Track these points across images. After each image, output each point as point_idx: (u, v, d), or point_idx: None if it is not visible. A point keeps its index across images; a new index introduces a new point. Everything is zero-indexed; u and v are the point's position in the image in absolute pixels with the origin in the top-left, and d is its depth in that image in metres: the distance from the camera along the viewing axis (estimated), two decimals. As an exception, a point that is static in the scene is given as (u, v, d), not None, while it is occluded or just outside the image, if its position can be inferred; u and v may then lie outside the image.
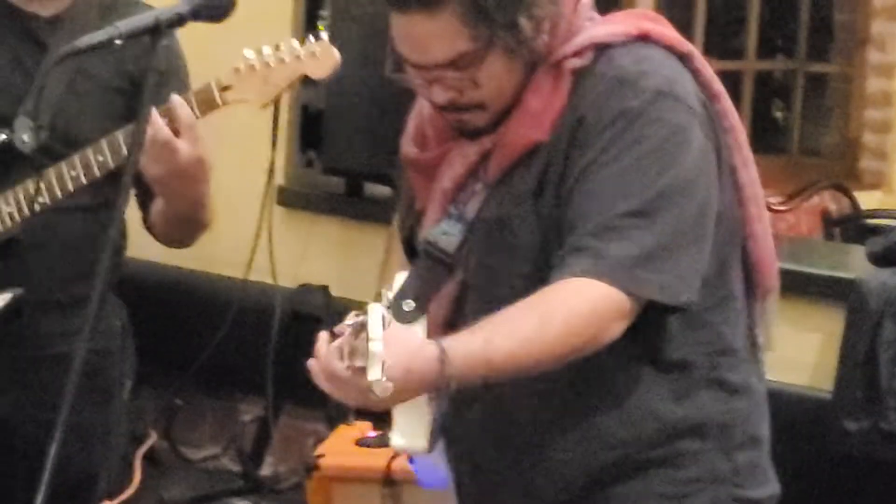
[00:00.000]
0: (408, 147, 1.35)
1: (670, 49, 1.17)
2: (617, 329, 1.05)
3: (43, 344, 1.86)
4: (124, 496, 2.48)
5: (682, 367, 1.19)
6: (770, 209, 3.08)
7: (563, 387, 1.16)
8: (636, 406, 1.18)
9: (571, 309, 1.02)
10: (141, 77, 1.53)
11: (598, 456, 1.20)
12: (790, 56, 4.40)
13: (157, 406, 3.17)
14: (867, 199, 3.57)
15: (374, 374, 0.89)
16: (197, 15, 1.34)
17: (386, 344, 0.88)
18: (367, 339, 0.89)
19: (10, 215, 1.78)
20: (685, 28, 4.09)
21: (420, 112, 1.35)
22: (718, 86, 1.21)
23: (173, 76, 1.78)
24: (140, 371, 2.12)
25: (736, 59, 4.22)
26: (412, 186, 1.38)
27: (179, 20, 1.33)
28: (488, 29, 1.08)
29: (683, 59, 1.19)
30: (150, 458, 2.90)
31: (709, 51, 4.04)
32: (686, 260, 1.07)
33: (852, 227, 3.28)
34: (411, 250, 1.39)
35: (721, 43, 4.26)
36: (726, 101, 1.22)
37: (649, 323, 1.12)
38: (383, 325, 0.92)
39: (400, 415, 1.23)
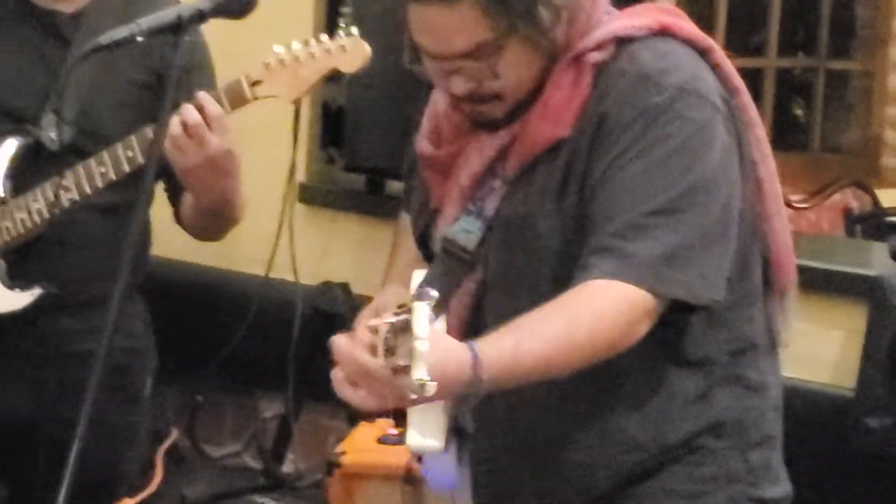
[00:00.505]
0: (423, 144, 1.35)
1: (691, 44, 1.16)
2: (643, 329, 1.04)
3: (65, 341, 1.87)
4: (146, 493, 2.52)
5: (703, 365, 1.18)
6: (792, 207, 3.11)
7: (583, 387, 1.15)
8: (657, 408, 1.17)
9: (598, 311, 1.01)
10: (165, 72, 1.56)
11: (617, 458, 1.19)
12: (811, 53, 4.39)
13: (178, 403, 3.19)
14: (889, 197, 3.57)
15: (420, 373, 0.88)
16: (219, 11, 1.35)
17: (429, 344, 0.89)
18: (414, 338, 0.87)
19: (39, 212, 1.79)
20: (706, 25, 4.12)
21: (435, 109, 1.34)
22: (738, 81, 1.21)
23: (198, 71, 1.79)
24: (161, 368, 2.14)
25: (757, 56, 4.22)
26: (427, 185, 1.37)
27: (201, 16, 1.33)
28: (507, 18, 1.07)
29: (704, 53, 1.18)
30: (171, 455, 2.97)
31: (730, 48, 4.03)
32: (711, 259, 1.06)
33: (874, 223, 3.28)
34: (425, 250, 1.39)
35: (742, 40, 4.27)
36: (746, 96, 1.21)
37: (672, 322, 1.12)
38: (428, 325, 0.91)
39: (416, 413, 1.23)
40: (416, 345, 0.85)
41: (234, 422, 3.40)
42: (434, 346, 0.89)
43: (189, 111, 1.53)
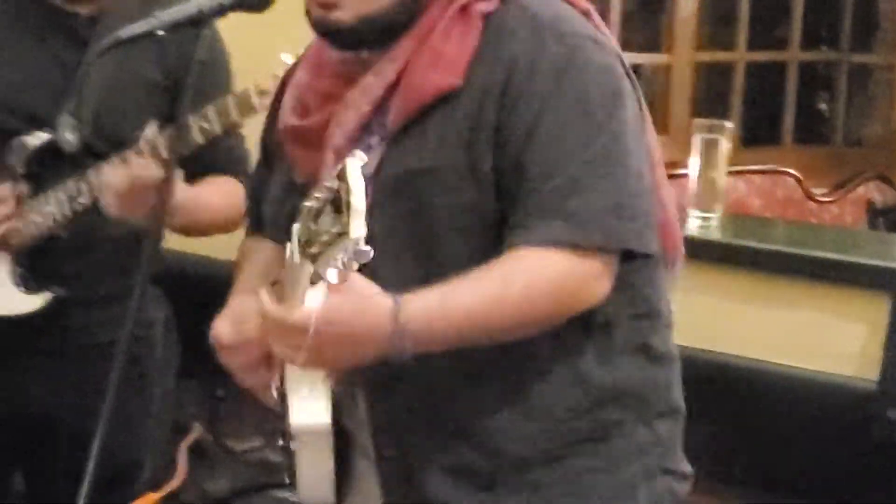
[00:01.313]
0: (288, 118, 1.29)
1: (571, 4, 1.15)
2: (599, 288, 1.03)
3: (82, 335, 1.90)
4: (169, 488, 2.53)
5: (606, 328, 1.16)
6: (815, 200, 3.15)
7: (490, 352, 1.12)
8: (563, 369, 1.15)
9: (537, 270, 1.00)
10: (182, 71, 1.53)
11: (527, 426, 1.17)
12: (833, 47, 4.45)
13: (200, 398, 3.22)
14: (912, 189, 3.56)
15: (358, 229, 0.83)
16: (239, 4, 1.32)
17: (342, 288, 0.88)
18: (350, 193, 0.83)
19: (53, 215, 1.81)
20: (729, 19, 4.27)
21: (297, 83, 1.31)
22: (617, 47, 1.20)
23: (213, 68, 1.78)
24: (184, 363, 2.15)
25: (780, 49, 4.29)
26: (293, 162, 1.30)
27: (221, 9, 1.30)
28: None
29: (584, 15, 1.16)
30: (194, 450, 2.99)
31: (753, 41, 4.16)
32: (650, 204, 1.07)
33: (897, 216, 3.36)
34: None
35: (765, 33, 4.36)
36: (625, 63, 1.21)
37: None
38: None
39: (295, 393, 1.22)
40: (353, 200, 0.82)
41: (256, 416, 3.35)
42: (348, 290, 0.88)
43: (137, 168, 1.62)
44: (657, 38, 4.32)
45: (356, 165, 0.85)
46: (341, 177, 0.84)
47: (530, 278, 1.00)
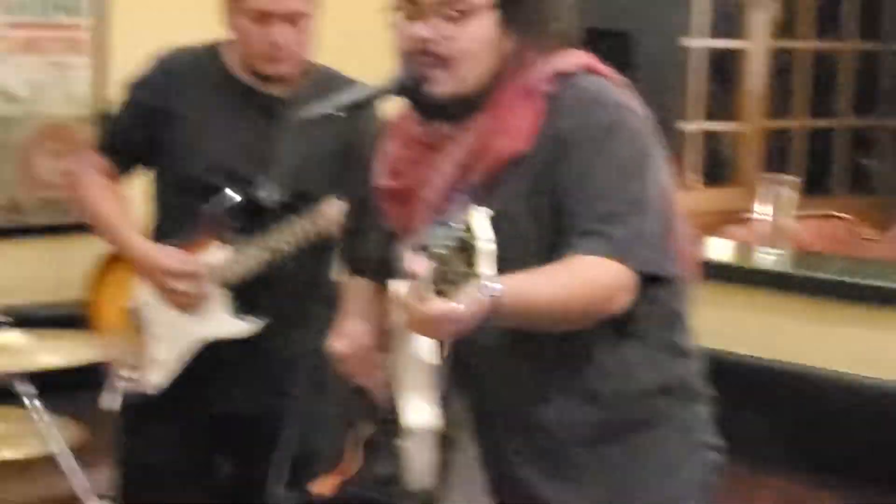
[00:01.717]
0: (382, 180, 1.38)
1: (611, 79, 1.26)
2: (624, 300, 1.10)
3: (276, 351, 2.09)
4: (346, 472, 2.68)
5: (643, 330, 1.26)
6: (864, 239, 3.63)
7: (553, 353, 1.24)
8: (612, 364, 1.25)
9: (591, 275, 1.08)
10: (357, 143, 1.75)
11: (584, 410, 1.26)
12: (878, 113, 5.10)
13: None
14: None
15: (487, 270, 0.88)
16: (399, 91, 1.38)
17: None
18: (478, 240, 0.87)
19: (258, 258, 2.07)
20: (785, 90, 4.78)
21: (389, 151, 1.40)
22: (644, 112, 1.30)
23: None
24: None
25: (832, 116, 4.92)
26: (386, 216, 1.42)
27: (385, 93, 1.39)
28: None
29: (621, 88, 1.29)
30: (366, 440, 3.16)
31: (810, 109, 4.77)
32: (669, 240, 1.17)
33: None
34: (386, 275, 1.37)
35: (819, 103, 4.95)
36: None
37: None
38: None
39: (407, 397, 1.36)
40: (481, 245, 0.86)
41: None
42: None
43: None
44: (731, 108, 4.80)
45: (482, 216, 0.90)
46: (468, 226, 0.88)
47: (587, 279, 1.10)
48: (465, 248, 0.85)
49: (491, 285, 0.88)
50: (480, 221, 0.85)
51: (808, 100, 4.92)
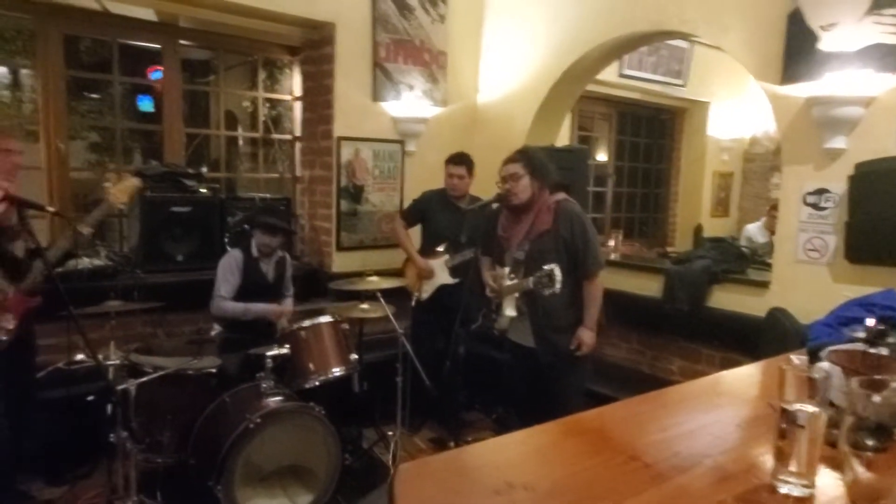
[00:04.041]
0: (500, 231, 3.61)
1: (573, 202, 3.48)
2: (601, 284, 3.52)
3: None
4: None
5: (576, 296, 3.46)
6: None
7: (562, 301, 3.37)
8: (573, 308, 3.48)
9: (596, 284, 3.50)
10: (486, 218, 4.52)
11: (566, 315, 3.47)
12: None
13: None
14: None
15: (557, 286, 3.18)
16: (501, 201, 3.57)
17: None
18: (553, 274, 3.16)
19: (460, 259, 4.51)
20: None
21: (501, 220, 3.61)
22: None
23: None
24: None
25: None
26: (500, 241, 3.61)
27: (492, 202, 3.64)
28: (531, 168, 3.42)
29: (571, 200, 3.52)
30: None
31: None
32: (601, 260, 3.54)
33: None
34: (496, 255, 3.72)
35: None
36: None
37: (580, 282, 3.47)
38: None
39: (505, 303, 3.54)
40: (556, 274, 3.21)
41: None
42: None
43: None
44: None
45: (554, 269, 3.22)
46: (549, 272, 3.20)
47: (598, 289, 3.52)
48: (550, 276, 3.18)
49: (555, 290, 3.19)
50: (556, 270, 3.17)
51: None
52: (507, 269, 3.49)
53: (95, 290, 3.60)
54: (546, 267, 3.18)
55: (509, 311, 3.47)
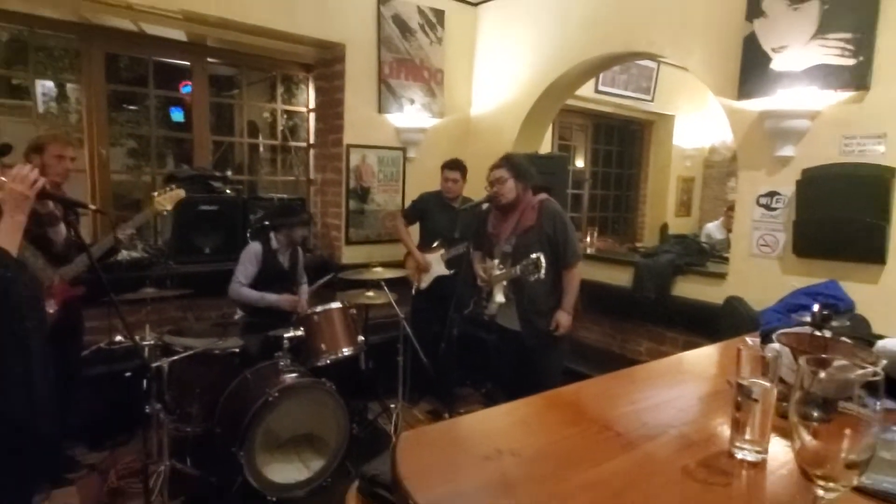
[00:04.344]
0: (490, 227, 3.59)
1: (554, 201, 3.46)
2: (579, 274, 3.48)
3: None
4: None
5: (557, 284, 3.41)
6: None
7: (544, 288, 3.33)
8: (554, 294, 3.44)
9: (576, 273, 3.47)
10: (477, 217, 4.83)
11: (542, 308, 3.45)
12: None
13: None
14: None
15: (543, 271, 3.08)
16: (491, 201, 4.16)
17: None
18: (540, 261, 3.06)
19: (452, 254, 4.48)
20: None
21: (492, 218, 3.60)
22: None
23: None
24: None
25: None
26: (489, 235, 3.59)
27: (479, 203, 3.66)
28: (514, 173, 3.42)
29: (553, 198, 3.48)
30: None
31: None
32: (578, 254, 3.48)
33: None
34: (486, 249, 3.67)
35: None
36: None
37: (560, 272, 3.43)
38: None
39: (495, 290, 3.46)
40: (542, 261, 3.10)
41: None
42: None
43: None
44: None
45: (540, 257, 3.13)
46: (536, 259, 3.13)
47: (576, 278, 3.47)
48: (536, 264, 3.10)
49: (540, 277, 3.09)
50: (540, 258, 3.08)
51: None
52: (496, 261, 3.47)
53: (133, 279, 3.61)
54: (532, 256, 3.18)
55: (499, 297, 3.45)
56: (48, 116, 6.02)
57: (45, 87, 6.12)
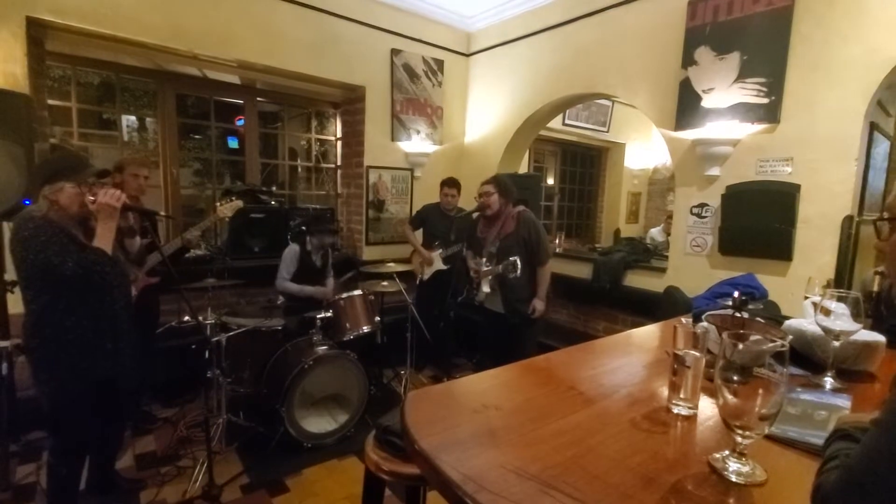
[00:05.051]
0: (479, 231, 3.42)
1: (530, 212, 3.31)
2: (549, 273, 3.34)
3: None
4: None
5: (532, 277, 3.30)
6: None
7: (522, 283, 3.25)
8: (530, 284, 3.31)
9: (547, 270, 3.35)
10: (468, 223, 4.77)
11: (520, 296, 3.30)
12: None
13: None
14: None
15: (518, 269, 3.07)
16: (479, 209, 3.84)
17: None
18: (517, 263, 3.07)
19: (450, 252, 4.33)
20: None
21: (480, 224, 3.42)
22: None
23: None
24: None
25: None
26: (478, 238, 3.39)
27: (477, 211, 3.52)
28: (499, 190, 3.29)
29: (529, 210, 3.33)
30: None
31: None
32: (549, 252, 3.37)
33: None
34: (476, 249, 3.43)
35: None
36: None
37: (535, 268, 3.32)
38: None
39: (482, 282, 3.35)
40: (518, 263, 3.06)
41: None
42: None
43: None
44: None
45: (517, 260, 3.10)
46: (514, 262, 3.11)
47: (547, 273, 3.34)
48: (514, 265, 3.10)
49: (517, 273, 3.08)
50: (517, 260, 3.08)
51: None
52: (484, 260, 3.42)
53: (198, 272, 3.58)
54: (511, 258, 3.15)
55: (486, 288, 3.41)
56: (131, 144, 6.00)
57: (128, 120, 6.11)
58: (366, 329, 3.67)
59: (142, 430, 3.36)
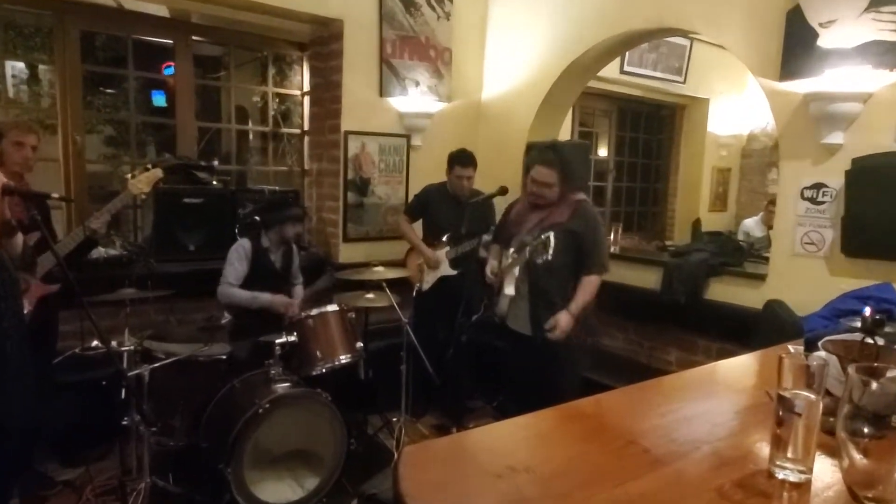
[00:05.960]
0: (513, 217, 3.62)
1: (589, 202, 3.50)
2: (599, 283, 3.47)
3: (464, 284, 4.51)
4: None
5: (574, 287, 3.45)
6: None
7: (554, 283, 3.41)
8: (568, 293, 3.44)
9: (594, 281, 3.46)
10: (489, 209, 4.69)
11: (553, 299, 3.43)
12: None
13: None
14: None
15: (551, 252, 3.22)
16: (493, 196, 4.23)
17: None
18: (549, 241, 3.21)
19: (460, 251, 4.53)
20: None
21: (516, 209, 3.64)
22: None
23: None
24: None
25: None
26: (511, 226, 3.58)
27: (489, 196, 4.19)
28: (561, 175, 3.38)
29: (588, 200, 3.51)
30: None
31: None
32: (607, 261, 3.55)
33: None
34: (504, 244, 3.63)
35: None
36: None
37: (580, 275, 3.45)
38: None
39: (506, 282, 3.50)
40: (551, 241, 3.22)
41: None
42: None
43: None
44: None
45: (550, 236, 3.23)
46: (545, 239, 3.21)
47: (595, 286, 3.46)
48: (544, 243, 3.21)
49: (548, 258, 3.20)
50: (551, 237, 3.18)
51: None
52: (511, 250, 3.48)
53: (111, 279, 3.63)
54: (543, 236, 3.16)
55: (509, 290, 3.44)
56: (17, 101, 6.06)
57: (14, 68, 6.12)
58: (344, 360, 3.73)
59: (34, 497, 3.37)
